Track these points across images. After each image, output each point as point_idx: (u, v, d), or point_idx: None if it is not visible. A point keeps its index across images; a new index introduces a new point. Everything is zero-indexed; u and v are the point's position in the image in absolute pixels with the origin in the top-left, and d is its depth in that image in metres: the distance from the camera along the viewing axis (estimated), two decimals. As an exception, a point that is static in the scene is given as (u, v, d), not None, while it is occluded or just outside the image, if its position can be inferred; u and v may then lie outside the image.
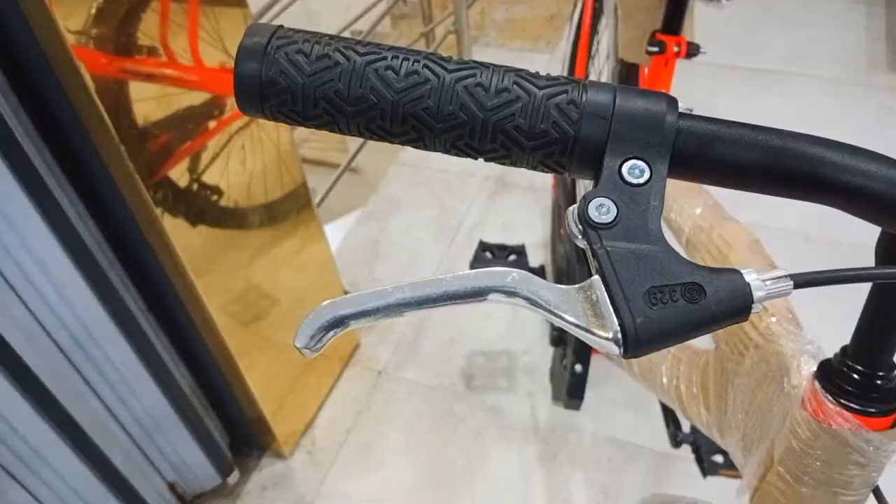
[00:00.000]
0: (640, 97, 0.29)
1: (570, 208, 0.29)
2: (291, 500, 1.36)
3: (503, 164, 0.31)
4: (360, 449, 1.44)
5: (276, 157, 1.35)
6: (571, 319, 0.28)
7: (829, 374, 0.45)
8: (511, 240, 1.60)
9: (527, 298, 0.28)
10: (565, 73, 1.50)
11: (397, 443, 1.45)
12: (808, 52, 2.33)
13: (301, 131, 2.90)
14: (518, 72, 0.30)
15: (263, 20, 1.61)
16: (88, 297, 1.01)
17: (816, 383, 0.46)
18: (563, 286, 0.29)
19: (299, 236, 1.44)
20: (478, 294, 0.28)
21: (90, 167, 1.00)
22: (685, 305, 0.27)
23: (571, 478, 1.36)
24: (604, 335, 0.27)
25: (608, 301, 0.27)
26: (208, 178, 1.19)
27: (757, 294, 0.27)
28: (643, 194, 0.28)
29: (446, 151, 0.31)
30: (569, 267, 1.24)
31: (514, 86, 0.29)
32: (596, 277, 0.28)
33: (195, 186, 1.18)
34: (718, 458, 1.01)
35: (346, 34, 1.97)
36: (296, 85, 0.29)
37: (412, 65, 0.29)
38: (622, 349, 0.27)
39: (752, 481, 0.52)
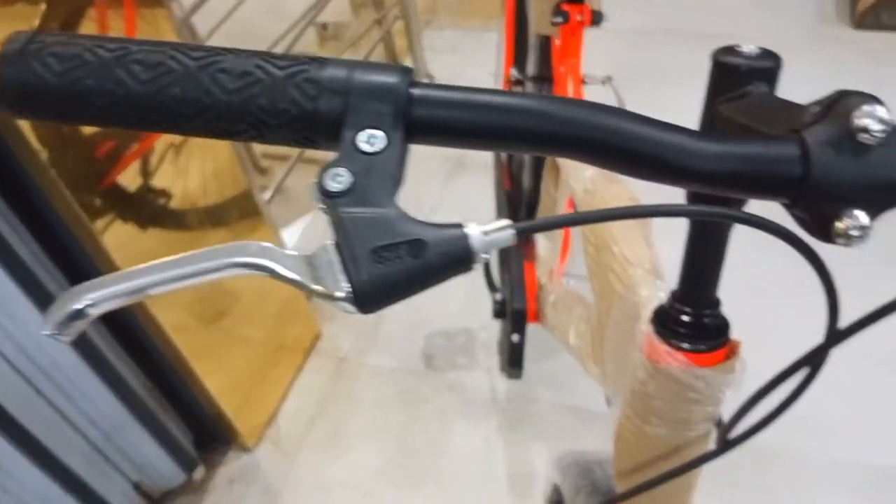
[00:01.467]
0: (375, 71, 0.31)
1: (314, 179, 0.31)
2: (259, 490, 1.38)
3: (260, 142, 0.32)
4: (326, 436, 1.46)
5: (224, 160, 1.37)
6: (309, 284, 0.29)
7: (662, 318, 0.47)
8: (471, 218, 1.61)
9: (266, 268, 0.30)
10: (500, 52, 1.51)
11: (362, 427, 1.47)
12: (758, 10, 2.34)
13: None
14: (262, 55, 0.32)
15: (221, 13, 1.64)
16: (27, 306, 1.02)
17: (650, 326, 0.48)
18: (301, 253, 0.30)
19: (254, 237, 1.45)
20: (219, 268, 0.30)
21: (18, 178, 1.01)
22: (409, 261, 0.29)
23: (532, 446, 1.39)
24: (339, 295, 0.29)
25: (339, 263, 0.29)
26: (155, 182, 1.20)
27: (477, 244, 0.29)
28: (379, 162, 0.30)
29: (203, 135, 0.32)
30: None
31: (256, 68, 0.31)
32: (329, 242, 0.29)
33: (141, 193, 1.20)
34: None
35: (306, 23, 1.95)
36: (49, 85, 0.31)
37: (158, 56, 0.31)
38: (356, 306, 0.29)
39: (616, 426, 0.54)
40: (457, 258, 0.29)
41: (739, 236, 0.46)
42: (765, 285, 1.55)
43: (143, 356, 1.28)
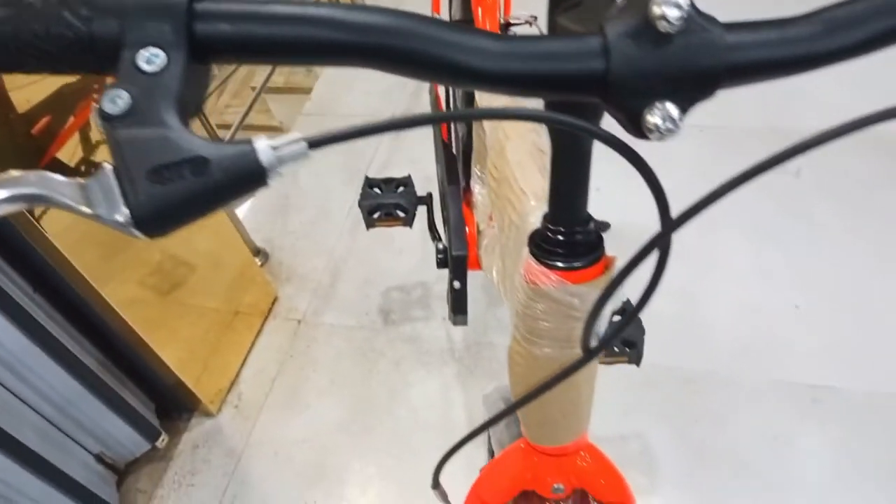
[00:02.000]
0: None
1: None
2: (222, 453, 1.40)
3: (52, 72, 0.32)
4: (286, 396, 1.48)
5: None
6: (89, 212, 0.29)
7: (538, 240, 0.48)
8: (419, 173, 1.62)
9: (43, 198, 0.29)
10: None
11: (321, 385, 1.49)
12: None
13: (218, 99, 2.86)
14: None
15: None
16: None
17: (527, 249, 0.49)
18: (79, 180, 0.30)
19: None
20: None
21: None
22: (192, 180, 0.28)
23: (488, 390, 1.41)
24: (119, 220, 0.28)
25: (118, 187, 0.28)
26: (97, 157, 1.19)
27: (266, 159, 0.29)
28: (162, 81, 0.29)
29: None
30: (441, 187, 1.27)
31: None
32: (107, 165, 0.29)
33: (81, 167, 1.18)
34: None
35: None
36: None
37: None
38: (139, 230, 0.29)
39: (508, 351, 0.56)
40: (244, 175, 0.29)
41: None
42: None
43: (94, 333, 1.28)
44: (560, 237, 0.47)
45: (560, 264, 0.47)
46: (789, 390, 1.36)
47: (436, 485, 0.60)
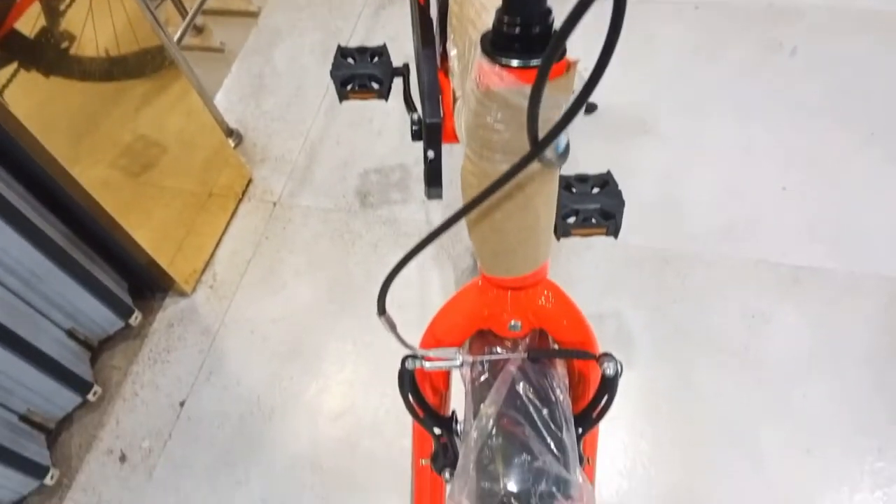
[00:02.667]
0: None
1: None
2: (198, 331, 1.39)
3: None
4: (261, 277, 1.46)
5: (127, 17, 1.27)
6: None
7: (493, 40, 0.44)
8: (398, 51, 1.54)
9: None
10: None
11: (297, 266, 1.46)
12: None
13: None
14: None
15: None
16: None
17: (479, 50, 0.44)
18: None
19: (168, 92, 1.38)
20: None
21: None
22: None
23: (463, 267, 1.39)
24: None
25: None
26: (59, 28, 1.11)
27: None
28: None
29: None
30: (416, 53, 1.20)
31: None
32: None
33: (42, 37, 1.11)
34: (570, 220, 1.02)
35: None
36: None
37: None
38: None
39: (461, 174, 0.52)
40: None
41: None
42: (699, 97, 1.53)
43: (63, 210, 1.24)
44: (516, 29, 0.42)
45: (515, 63, 0.42)
46: (771, 270, 1.34)
47: (382, 311, 0.57)
